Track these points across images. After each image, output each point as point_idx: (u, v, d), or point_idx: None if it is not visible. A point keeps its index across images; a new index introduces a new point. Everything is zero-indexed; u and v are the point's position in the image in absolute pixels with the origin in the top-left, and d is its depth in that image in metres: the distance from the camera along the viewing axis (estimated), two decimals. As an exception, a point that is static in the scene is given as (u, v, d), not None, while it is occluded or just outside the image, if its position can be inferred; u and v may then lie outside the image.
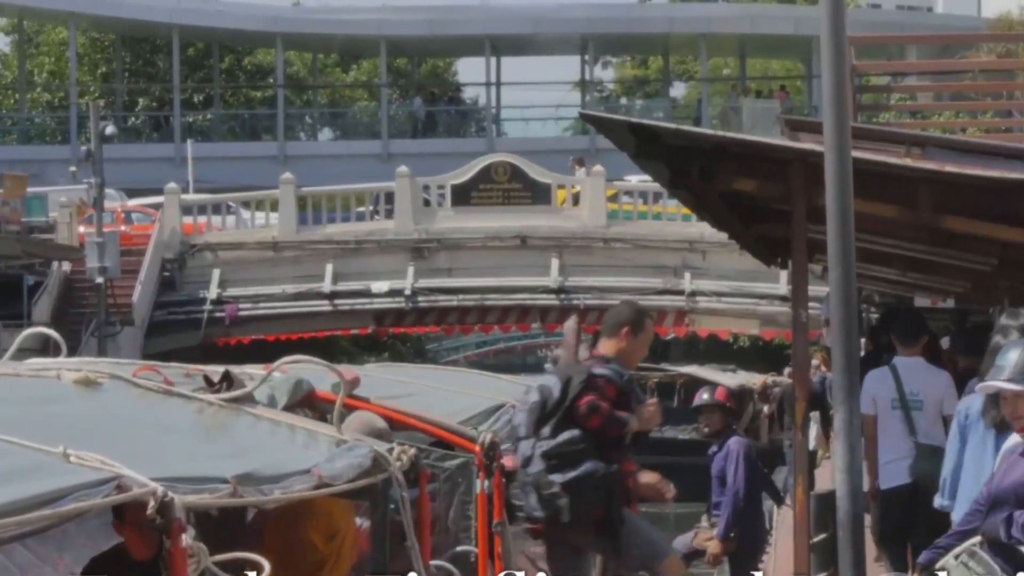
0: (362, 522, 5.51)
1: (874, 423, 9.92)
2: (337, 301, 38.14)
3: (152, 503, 3.44)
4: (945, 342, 12.31)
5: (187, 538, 3.47)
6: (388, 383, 7.62)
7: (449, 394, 8.30)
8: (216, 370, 5.18)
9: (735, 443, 11.65)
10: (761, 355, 41.91)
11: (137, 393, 4.83)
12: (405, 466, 5.00)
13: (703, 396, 12.19)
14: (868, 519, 8.80)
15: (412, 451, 5.00)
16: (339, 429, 5.06)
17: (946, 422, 9.32)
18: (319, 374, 6.01)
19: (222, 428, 4.76)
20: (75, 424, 4.16)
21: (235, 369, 5.23)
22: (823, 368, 19.39)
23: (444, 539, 7.13)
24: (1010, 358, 6.25)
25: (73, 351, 33.25)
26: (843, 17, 7.45)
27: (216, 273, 38.45)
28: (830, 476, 9.88)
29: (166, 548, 3.50)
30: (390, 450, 5.00)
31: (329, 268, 38.07)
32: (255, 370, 5.49)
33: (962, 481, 7.55)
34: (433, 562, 6.12)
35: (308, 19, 57.42)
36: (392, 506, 5.08)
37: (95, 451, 3.59)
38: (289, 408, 5.58)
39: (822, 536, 6.91)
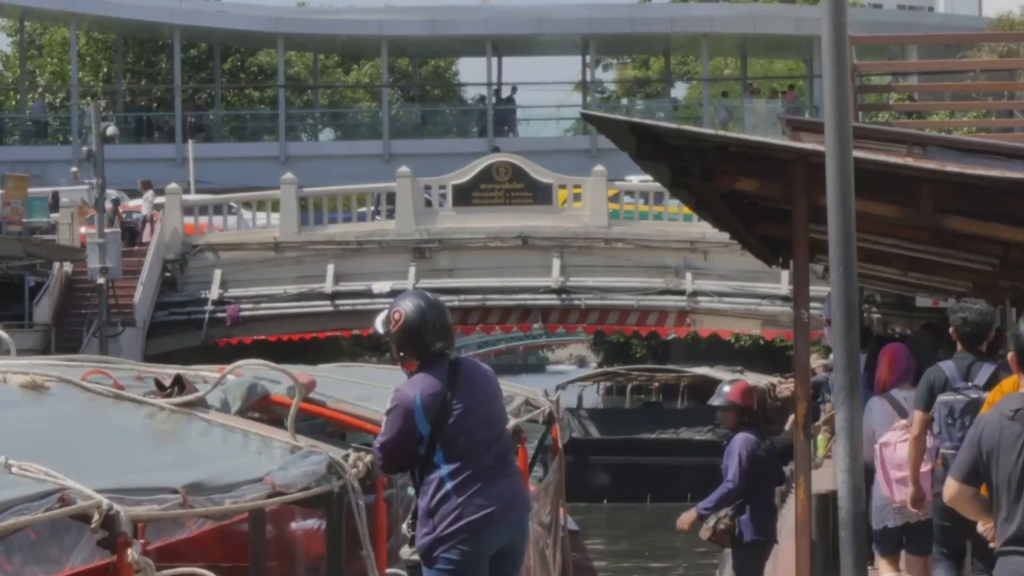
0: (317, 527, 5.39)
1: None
2: (338, 301, 38.04)
3: (96, 516, 3.27)
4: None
5: (133, 552, 3.31)
6: (346, 385, 7.44)
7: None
8: (169, 373, 5.01)
9: (739, 439, 11.60)
10: (762, 355, 41.83)
11: (86, 397, 4.66)
12: (361, 473, 4.85)
13: (722, 391, 12.17)
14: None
15: (368, 458, 4.87)
16: (293, 435, 4.91)
17: None
18: (275, 377, 5.83)
19: (172, 435, 4.60)
20: (19, 431, 4.00)
21: (188, 372, 5.07)
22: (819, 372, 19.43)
23: (400, 546, 7.00)
24: None
25: (75, 352, 33.37)
26: (844, 17, 7.36)
27: (217, 273, 38.36)
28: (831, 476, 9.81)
29: (112, 562, 3.33)
30: (346, 456, 4.85)
31: (330, 269, 37.98)
32: (209, 372, 5.33)
33: None
34: (389, 570, 6.00)
35: (309, 20, 57.27)
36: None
37: (39, 460, 3.44)
38: (243, 412, 5.39)
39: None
